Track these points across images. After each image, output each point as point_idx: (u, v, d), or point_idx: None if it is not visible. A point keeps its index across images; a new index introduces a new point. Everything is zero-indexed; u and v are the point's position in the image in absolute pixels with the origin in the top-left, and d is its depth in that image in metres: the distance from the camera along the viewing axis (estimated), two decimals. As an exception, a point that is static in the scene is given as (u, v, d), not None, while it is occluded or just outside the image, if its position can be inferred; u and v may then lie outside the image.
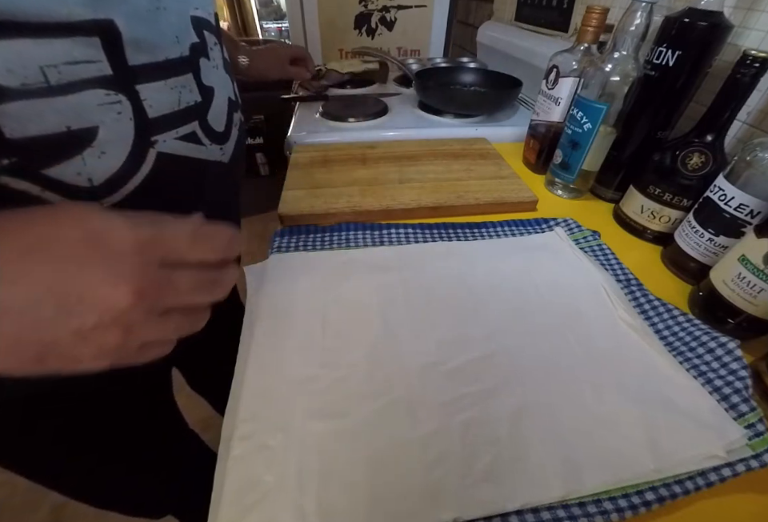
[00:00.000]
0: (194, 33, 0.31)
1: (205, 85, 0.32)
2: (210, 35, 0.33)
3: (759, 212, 0.36)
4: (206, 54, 0.32)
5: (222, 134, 0.35)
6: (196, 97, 0.31)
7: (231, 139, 0.37)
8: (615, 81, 0.47)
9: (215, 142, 0.34)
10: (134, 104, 0.26)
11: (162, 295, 0.19)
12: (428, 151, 0.64)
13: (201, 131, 0.32)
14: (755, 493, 0.27)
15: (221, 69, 0.35)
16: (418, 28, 1.18)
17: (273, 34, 3.49)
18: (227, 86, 0.36)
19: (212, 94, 0.33)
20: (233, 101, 0.38)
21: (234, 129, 0.37)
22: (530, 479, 0.26)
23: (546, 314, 0.38)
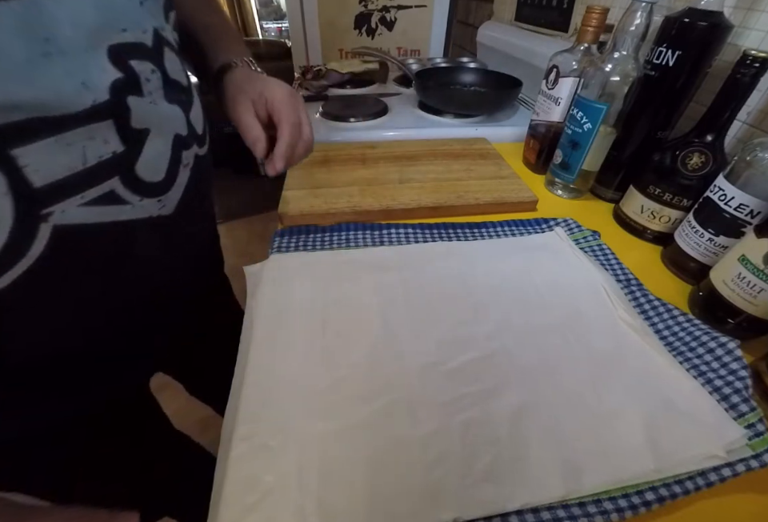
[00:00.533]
0: (115, 67, 0.24)
1: (134, 129, 0.26)
2: (142, 63, 0.26)
3: (759, 212, 0.36)
4: (136, 90, 0.26)
5: (161, 183, 0.29)
6: (115, 147, 0.25)
7: (177, 185, 0.31)
8: (615, 81, 0.47)
9: (149, 195, 0.28)
10: (10, 173, 0.20)
11: None
12: (428, 151, 0.64)
13: (124, 188, 0.26)
14: (755, 493, 0.27)
15: (161, 102, 0.28)
16: (418, 28, 1.17)
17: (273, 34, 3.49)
18: (175, 120, 0.30)
19: (145, 138, 0.27)
20: (182, 137, 0.31)
21: (182, 171, 0.31)
22: (530, 479, 0.26)
23: (546, 314, 0.38)
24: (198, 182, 0.34)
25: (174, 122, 0.30)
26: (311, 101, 0.85)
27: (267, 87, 0.39)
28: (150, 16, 0.28)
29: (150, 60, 0.27)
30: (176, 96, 0.30)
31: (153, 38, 0.28)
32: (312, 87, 0.91)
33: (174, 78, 0.31)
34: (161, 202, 0.29)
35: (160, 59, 0.29)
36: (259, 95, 0.38)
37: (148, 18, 0.28)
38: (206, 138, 0.37)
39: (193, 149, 0.33)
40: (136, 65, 0.26)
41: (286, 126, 0.38)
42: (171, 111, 0.30)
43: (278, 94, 0.39)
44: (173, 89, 0.30)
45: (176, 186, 0.31)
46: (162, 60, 0.29)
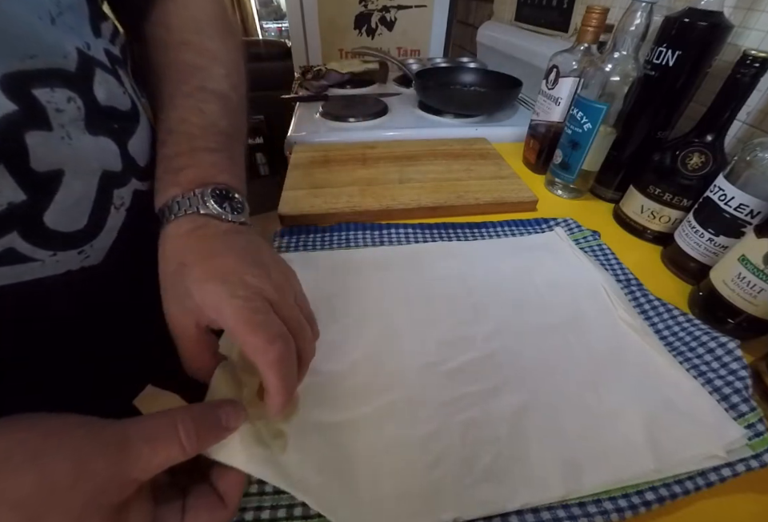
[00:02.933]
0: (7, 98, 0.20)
1: (38, 172, 0.21)
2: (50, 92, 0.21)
3: (759, 212, 0.36)
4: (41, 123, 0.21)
5: (82, 231, 0.24)
6: (12, 196, 0.20)
7: (106, 231, 0.26)
8: (615, 81, 0.47)
9: (63, 248, 0.23)
10: None
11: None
12: (428, 151, 0.64)
13: (26, 243, 0.22)
14: (755, 493, 0.27)
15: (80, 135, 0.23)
16: (418, 28, 1.17)
17: (273, 34, 3.49)
18: (102, 155, 0.25)
19: (57, 181, 0.22)
20: (114, 173, 0.26)
21: (113, 213, 0.26)
22: (530, 479, 0.26)
23: (546, 314, 0.38)
24: (137, 222, 0.28)
25: (101, 158, 0.25)
26: (311, 101, 0.85)
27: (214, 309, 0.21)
28: (71, 34, 0.23)
29: (70, 87, 0.23)
30: (106, 125, 0.25)
31: (78, 60, 0.23)
32: (312, 87, 0.91)
33: (108, 105, 0.26)
34: (83, 253, 0.25)
35: (85, 84, 0.24)
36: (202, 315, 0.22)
37: (67, 38, 0.23)
38: (146, 173, 0.30)
39: (130, 185, 0.28)
40: (42, 94, 0.21)
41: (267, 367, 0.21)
42: (97, 144, 0.25)
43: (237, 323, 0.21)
44: (102, 117, 0.25)
45: (105, 232, 0.26)
46: (91, 84, 0.24)
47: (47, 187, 0.22)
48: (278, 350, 0.21)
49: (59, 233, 0.23)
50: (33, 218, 0.22)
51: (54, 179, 0.22)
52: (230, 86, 0.32)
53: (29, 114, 0.21)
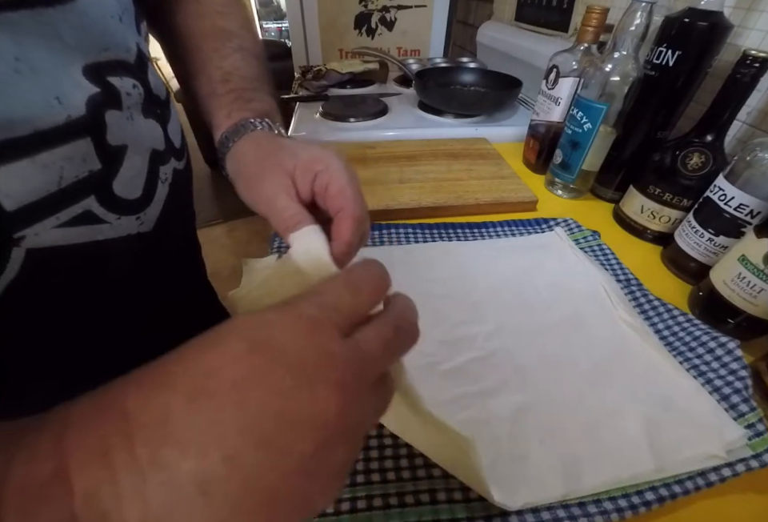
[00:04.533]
0: (92, 83, 0.23)
1: (111, 146, 0.25)
2: (123, 79, 0.26)
3: (759, 212, 0.36)
4: (115, 105, 0.25)
5: (138, 200, 0.28)
6: (92, 165, 0.24)
7: (155, 202, 0.30)
8: (615, 81, 0.47)
9: (126, 213, 0.27)
10: None
11: (363, 374, 0.15)
12: (428, 151, 0.64)
13: (101, 207, 0.25)
14: (755, 493, 0.27)
15: (139, 117, 0.27)
16: (418, 28, 1.17)
17: (273, 34, 3.49)
18: (152, 135, 0.29)
19: (123, 155, 0.26)
20: (159, 152, 0.30)
21: (160, 187, 0.30)
22: (530, 479, 0.26)
23: (546, 314, 0.38)
24: (176, 197, 0.33)
25: (151, 138, 0.29)
26: (311, 101, 0.85)
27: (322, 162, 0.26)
28: (131, 31, 0.27)
29: (133, 76, 0.27)
30: (154, 110, 0.30)
31: (136, 54, 0.28)
32: (312, 87, 0.91)
33: (156, 93, 0.30)
34: (139, 219, 0.29)
35: (144, 75, 0.28)
36: (306, 170, 0.26)
37: (128, 35, 0.27)
38: (184, 152, 0.36)
39: (171, 163, 0.32)
40: (115, 81, 0.25)
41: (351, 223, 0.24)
42: (148, 126, 0.29)
43: (341, 177, 0.26)
44: (152, 103, 0.29)
45: (154, 202, 0.30)
46: (146, 75, 0.29)
47: (116, 159, 0.26)
48: (362, 213, 0.25)
49: (123, 200, 0.27)
50: (105, 186, 0.25)
51: (121, 153, 0.26)
52: (261, 50, 0.39)
53: (107, 96, 0.25)
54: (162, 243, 0.33)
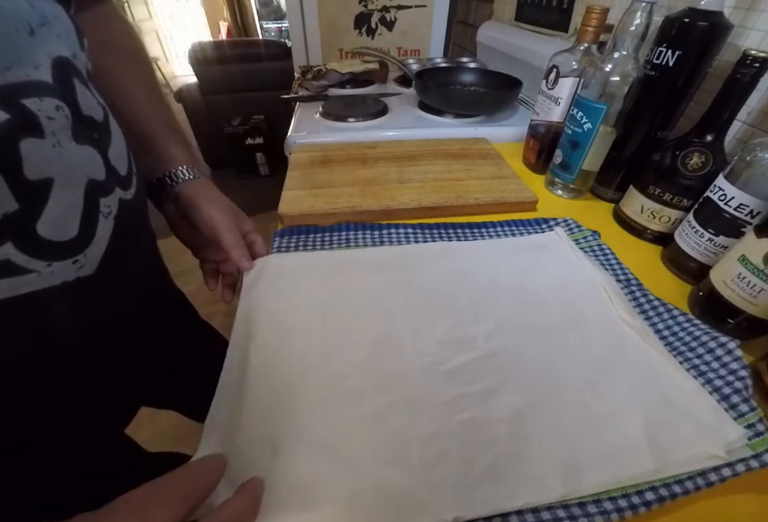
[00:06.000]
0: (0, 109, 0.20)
1: (30, 181, 0.21)
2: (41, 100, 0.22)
3: (759, 212, 0.36)
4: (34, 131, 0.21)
5: (73, 240, 0.24)
6: (6, 206, 0.21)
7: (97, 240, 0.26)
8: (615, 81, 0.47)
9: (58, 258, 0.24)
10: None
11: None
12: (428, 151, 0.64)
13: (22, 254, 0.22)
14: (755, 493, 0.27)
15: (69, 144, 0.24)
16: (418, 28, 1.18)
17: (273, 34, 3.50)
18: (87, 164, 0.26)
19: (47, 190, 0.22)
20: (99, 182, 0.26)
21: (102, 222, 0.27)
22: (530, 479, 0.26)
23: (546, 314, 0.38)
24: (125, 230, 0.29)
25: (86, 166, 0.25)
26: (311, 101, 0.85)
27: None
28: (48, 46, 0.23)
29: (54, 96, 0.23)
30: (88, 134, 0.26)
31: (52, 70, 0.23)
32: (312, 87, 0.91)
33: (88, 114, 0.26)
34: (77, 263, 0.25)
35: (69, 93, 0.24)
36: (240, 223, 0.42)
37: (46, 49, 0.23)
38: (131, 179, 0.31)
39: (115, 194, 0.28)
40: (31, 103, 0.21)
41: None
42: (83, 153, 0.25)
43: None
44: (85, 126, 0.25)
45: (96, 241, 0.26)
46: (73, 94, 0.25)
47: (39, 196, 0.22)
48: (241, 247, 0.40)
49: (52, 242, 0.23)
50: (26, 228, 0.22)
51: (45, 188, 0.22)
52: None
53: (22, 121, 0.21)
54: (110, 283, 0.29)
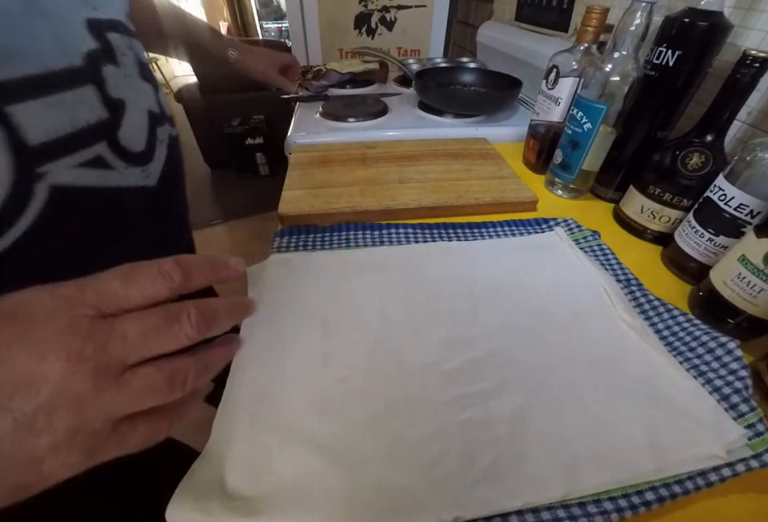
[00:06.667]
0: (92, 37, 0.26)
1: (112, 98, 0.27)
2: (119, 37, 0.28)
3: (759, 212, 0.36)
4: (113, 61, 0.28)
5: (143, 153, 0.31)
6: (100, 113, 0.26)
7: (157, 159, 0.32)
8: (615, 81, 0.47)
9: (133, 163, 0.29)
10: (7, 130, 0.21)
11: (105, 350, 0.15)
12: (428, 151, 0.64)
13: (111, 153, 0.27)
14: (755, 493, 0.27)
15: (135, 77, 0.30)
16: (418, 28, 1.18)
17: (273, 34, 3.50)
18: (146, 97, 0.32)
19: (123, 108, 0.28)
20: (156, 114, 0.33)
21: (159, 146, 0.33)
22: (530, 479, 0.26)
23: (546, 314, 0.38)
24: (173, 160, 0.36)
25: (146, 98, 0.32)
26: (311, 101, 0.85)
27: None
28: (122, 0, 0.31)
29: (128, 35, 0.30)
30: (146, 75, 0.32)
31: (125, 20, 0.30)
32: (312, 87, 0.91)
33: (144, 61, 0.33)
34: (144, 172, 0.31)
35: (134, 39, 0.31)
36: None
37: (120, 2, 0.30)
38: (173, 122, 0.38)
39: (166, 127, 0.35)
40: (113, 38, 0.28)
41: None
42: (144, 88, 0.31)
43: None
44: (144, 69, 0.32)
45: (156, 159, 0.32)
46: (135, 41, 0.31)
47: (118, 111, 0.28)
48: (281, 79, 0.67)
49: (128, 150, 0.29)
50: (113, 134, 0.28)
51: (122, 106, 0.28)
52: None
53: (105, 52, 0.27)
54: (163, 202, 0.36)
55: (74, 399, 0.14)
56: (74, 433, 0.15)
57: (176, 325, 0.17)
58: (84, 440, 0.15)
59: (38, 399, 0.14)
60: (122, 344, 0.15)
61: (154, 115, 0.32)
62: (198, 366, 0.18)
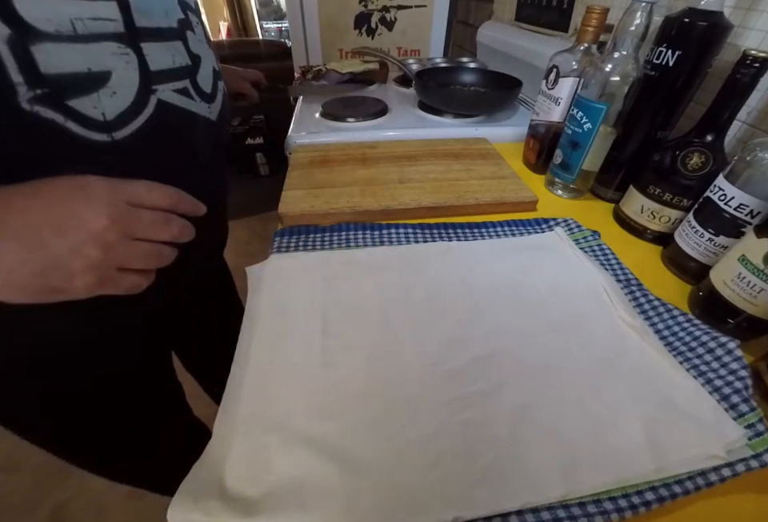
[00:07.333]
0: (180, 11, 0.37)
1: (192, 52, 0.38)
2: (192, 15, 0.39)
3: (759, 212, 0.36)
4: (191, 28, 0.38)
5: (210, 94, 0.41)
6: (186, 60, 0.37)
7: (217, 101, 0.43)
8: (615, 81, 0.47)
9: (204, 100, 0.40)
10: (139, 57, 0.32)
11: (129, 222, 0.25)
12: (428, 151, 0.64)
13: (192, 89, 0.38)
14: (755, 493, 0.27)
15: (204, 43, 0.41)
16: (418, 28, 1.18)
17: (273, 34, 3.49)
18: (210, 58, 0.43)
19: (199, 61, 0.39)
20: (216, 71, 0.44)
21: (219, 93, 0.44)
22: (530, 479, 0.26)
23: (546, 314, 0.38)
24: (226, 106, 0.46)
25: (210, 58, 0.42)
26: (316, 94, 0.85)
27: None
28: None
29: (196, 16, 0.41)
30: (210, 45, 0.43)
31: (195, 4, 0.41)
32: (312, 87, 0.91)
33: (208, 35, 0.43)
34: (210, 108, 0.41)
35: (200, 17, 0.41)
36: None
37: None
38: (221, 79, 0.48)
39: (221, 82, 0.46)
40: (190, 15, 0.39)
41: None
42: (209, 52, 0.42)
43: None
44: (208, 40, 0.43)
45: (216, 101, 0.43)
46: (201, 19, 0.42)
47: (196, 61, 0.39)
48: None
49: (202, 90, 0.40)
50: (193, 76, 0.38)
51: (198, 59, 0.39)
52: None
53: (187, 22, 0.38)
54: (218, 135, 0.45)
55: (105, 243, 0.24)
56: (98, 264, 0.24)
57: (169, 225, 0.28)
58: (101, 272, 0.24)
59: (86, 235, 0.23)
60: (138, 223, 0.26)
61: (216, 72, 0.43)
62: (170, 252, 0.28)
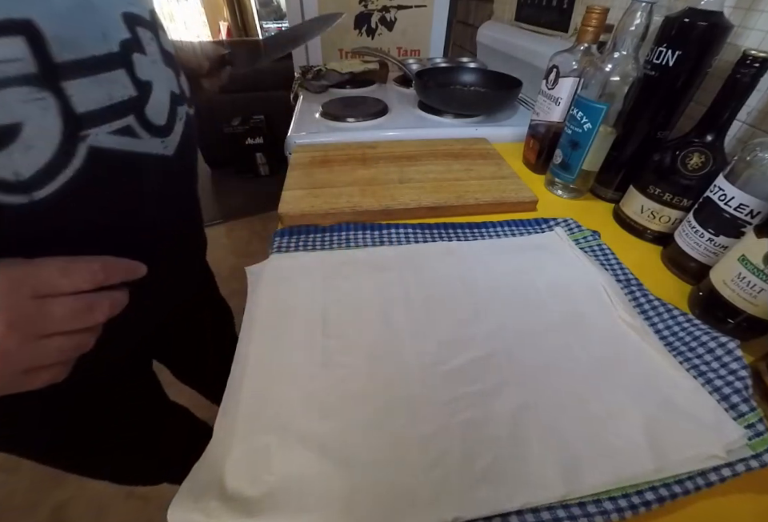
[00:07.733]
0: (126, 29, 0.31)
1: (140, 79, 0.32)
2: (144, 30, 0.34)
3: (759, 212, 0.36)
4: (140, 49, 0.33)
5: (164, 126, 0.36)
6: (130, 91, 0.31)
7: (175, 133, 0.38)
8: (615, 81, 0.47)
9: (156, 134, 0.35)
10: (60, 100, 0.26)
11: (34, 322, 0.23)
12: (428, 151, 0.64)
13: (138, 125, 0.32)
14: (755, 493, 0.27)
15: (159, 63, 0.35)
16: (418, 28, 1.18)
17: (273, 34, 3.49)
18: (168, 80, 0.37)
19: (150, 88, 0.34)
20: (176, 95, 0.38)
21: (177, 122, 0.38)
22: (530, 479, 0.26)
23: (546, 314, 0.38)
24: (188, 136, 0.41)
25: (169, 81, 0.37)
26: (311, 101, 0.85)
27: None
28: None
29: (150, 29, 0.34)
30: (169, 62, 0.37)
31: (149, 15, 0.35)
32: (312, 87, 0.91)
33: (167, 50, 0.37)
34: (164, 142, 0.36)
35: (156, 31, 0.36)
36: None
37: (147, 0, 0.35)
38: (191, 103, 0.43)
39: (184, 107, 0.40)
40: (141, 31, 0.33)
41: None
42: (167, 71, 0.36)
43: None
44: (166, 57, 0.37)
45: (174, 132, 0.37)
46: (158, 34, 0.36)
47: (146, 90, 0.33)
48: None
49: (152, 123, 0.34)
50: (140, 109, 0.32)
51: (149, 86, 0.33)
52: None
53: (135, 42, 0.32)
54: (180, 168, 0.41)
55: (2, 352, 0.22)
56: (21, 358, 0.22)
57: (91, 311, 0.25)
58: (2, 381, 0.23)
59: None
60: (46, 320, 0.23)
61: (175, 96, 0.37)
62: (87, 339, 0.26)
